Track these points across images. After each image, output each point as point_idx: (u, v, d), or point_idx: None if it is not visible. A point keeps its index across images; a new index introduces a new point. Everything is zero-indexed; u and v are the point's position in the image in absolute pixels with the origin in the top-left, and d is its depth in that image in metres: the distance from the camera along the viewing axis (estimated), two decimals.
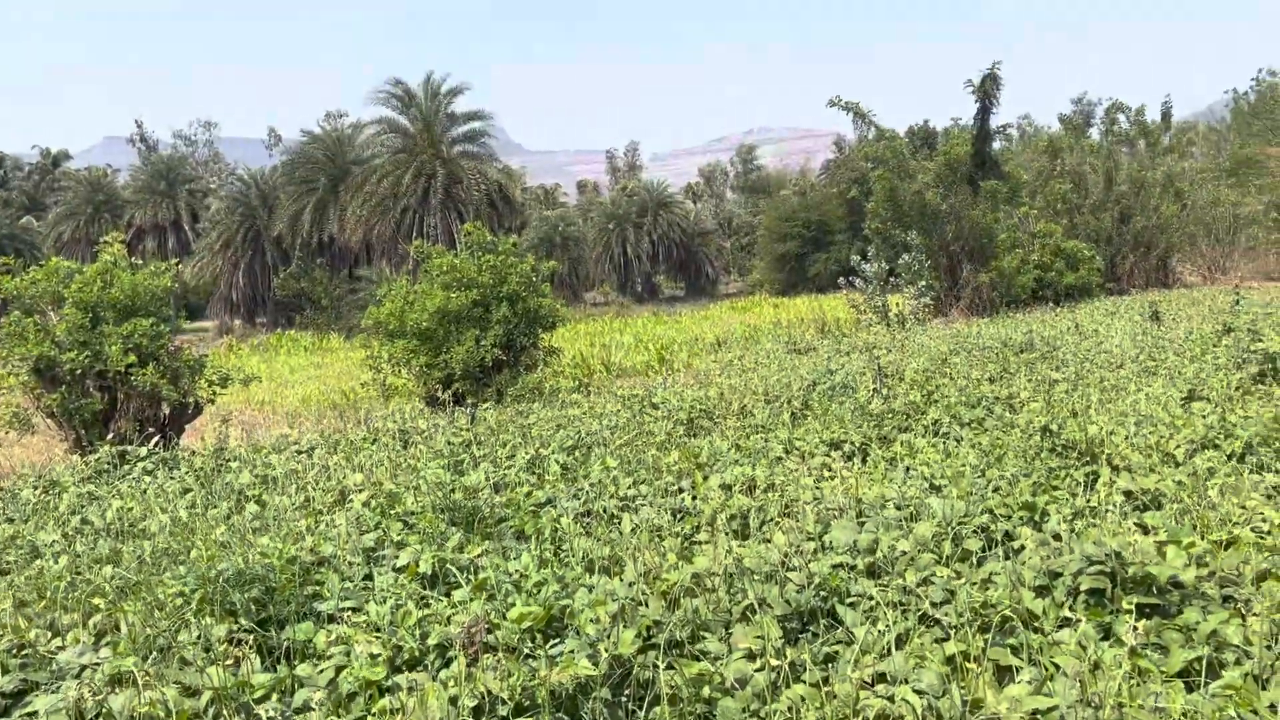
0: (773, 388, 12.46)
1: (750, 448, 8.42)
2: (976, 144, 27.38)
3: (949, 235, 26.64)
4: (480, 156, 48.28)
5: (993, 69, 27.18)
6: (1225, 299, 19.80)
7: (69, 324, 12.66)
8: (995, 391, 10.24)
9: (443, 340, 16.67)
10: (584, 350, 25.58)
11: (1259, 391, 8.79)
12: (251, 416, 19.10)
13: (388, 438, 11.15)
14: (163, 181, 62.10)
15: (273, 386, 24.61)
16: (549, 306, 17.67)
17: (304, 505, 7.68)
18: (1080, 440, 7.17)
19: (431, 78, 46.84)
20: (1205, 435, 7.18)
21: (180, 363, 13.32)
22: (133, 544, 6.76)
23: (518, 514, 6.48)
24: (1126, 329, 16.23)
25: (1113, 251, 30.46)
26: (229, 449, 11.06)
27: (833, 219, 55.34)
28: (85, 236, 59.28)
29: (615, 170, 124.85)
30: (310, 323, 47.31)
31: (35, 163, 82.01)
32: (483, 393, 16.26)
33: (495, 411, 13.18)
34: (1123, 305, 22.89)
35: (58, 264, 13.48)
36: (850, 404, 10.28)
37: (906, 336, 19.95)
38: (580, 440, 9.57)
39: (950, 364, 13.41)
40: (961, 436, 8.34)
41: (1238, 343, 11.28)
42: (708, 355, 23.20)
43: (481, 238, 17.98)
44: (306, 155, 52.11)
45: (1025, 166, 31.89)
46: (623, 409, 11.77)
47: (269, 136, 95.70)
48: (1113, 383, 10.34)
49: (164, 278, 13.70)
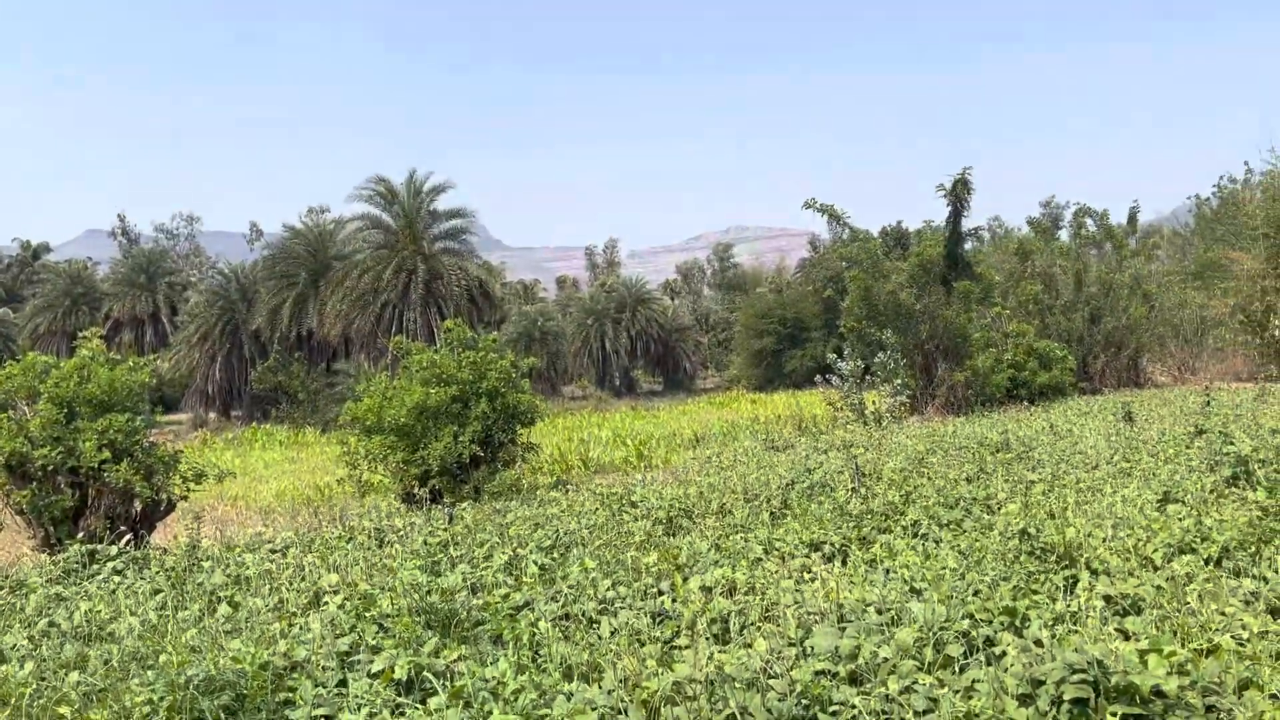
0: (751, 486, 12.44)
1: (730, 548, 8.38)
2: (949, 245, 27.93)
3: (923, 334, 26.98)
4: (461, 253, 48.78)
5: (963, 174, 27.90)
6: (1196, 399, 20.06)
7: (43, 419, 12.53)
8: (973, 492, 10.28)
9: (421, 436, 16.59)
10: (562, 446, 25.50)
11: (1232, 495, 8.86)
12: (225, 512, 18.84)
13: (363, 536, 11.02)
14: (143, 274, 62.19)
15: (247, 481, 24.32)
16: (528, 402, 17.68)
17: (277, 607, 7.55)
18: (1059, 543, 7.20)
19: (414, 175, 47.57)
20: (1182, 539, 7.22)
21: (154, 458, 13.17)
22: (101, 648, 6.60)
23: (495, 617, 6.40)
24: (1100, 429, 16.38)
25: (1084, 351, 30.90)
26: (201, 547, 10.89)
27: (808, 316, 56.03)
28: (62, 329, 59.05)
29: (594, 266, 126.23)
30: (286, 416, 46.95)
31: (15, 255, 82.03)
32: (460, 489, 16.13)
33: (473, 509, 13.07)
34: (1096, 405, 23.12)
35: (35, 359, 13.42)
36: (829, 503, 10.28)
37: (883, 435, 20.04)
38: (558, 540, 9.50)
39: (927, 463, 13.46)
40: (940, 538, 8.34)
41: (1210, 445, 11.41)
42: (686, 451, 23.18)
43: (462, 334, 18.06)
44: (288, 250, 52.47)
45: (997, 267, 32.50)
46: (601, 508, 11.71)
47: (250, 231, 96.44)
48: (1089, 484, 10.40)
49: (142, 373, 13.65)
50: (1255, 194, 32.99)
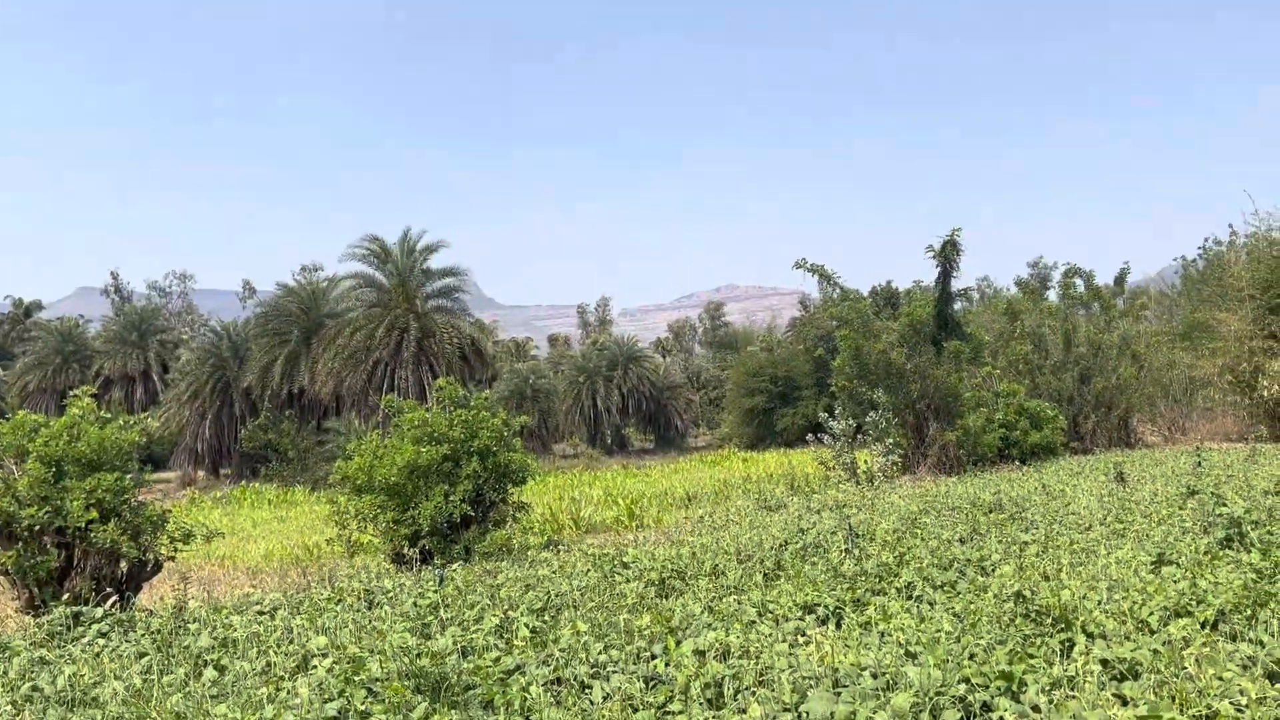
0: (744, 546, 12.38)
1: (723, 610, 8.31)
2: (939, 306, 28.12)
3: (914, 393, 27.03)
4: (454, 311, 48.96)
5: (952, 235, 28.17)
6: (1187, 460, 20.10)
7: (31, 479, 12.42)
8: (967, 553, 10.24)
9: (411, 495, 16.48)
10: (554, 505, 25.35)
11: (1226, 557, 8.85)
12: (212, 573, 18.63)
13: (352, 598, 10.90)
14: (134, 332, 62.22)
15: (235, 541, 24.09)
16: (520, 461, 17.59)
17: (265, 670, 7.44)
18: (1054, 605, 7.16)
19: (408, 234, 47.90)
20: (1178, 602, 7.19)
21: (142, 518, 13.03)
22: (85, 713, 6.49)
23: (486, 681, 6.31)
24: (1093, 489, 16.37)
25: (1075, 411, 30.97)
26: (188, 609, 10.75)
27: (800, 375, 56.18)
28: (52, 386, 58.91)
29: (586, 324, 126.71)
30: (275, 474, 46.68)
31: (7, 312, 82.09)
32: (450, 550, 15.99)
33: (463, 570, 12.95)
34: (1087, 465, 23.13)
35: (24, 417, 13.34)
36: (823, 565, 10.22)
37: (876, 494, 19.99)
38: (550, 602, 9.41)
39: (921, 524, 13.42)
40: (935, 600, 8.28)
41: (1202, 506, 11.41)
42: (678, 511, 23.06)
43: (454, 392, 18.03)
44: (280, 308, 52.61)
45: (986, 327, 32.69)
46: (593, 568, 11.62)
47: (243, 289, 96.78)
48: (1083, 545, 10.37)
49: (132, 431, 13.57)
50: (1240, 256, 33.39)
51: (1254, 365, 29.67)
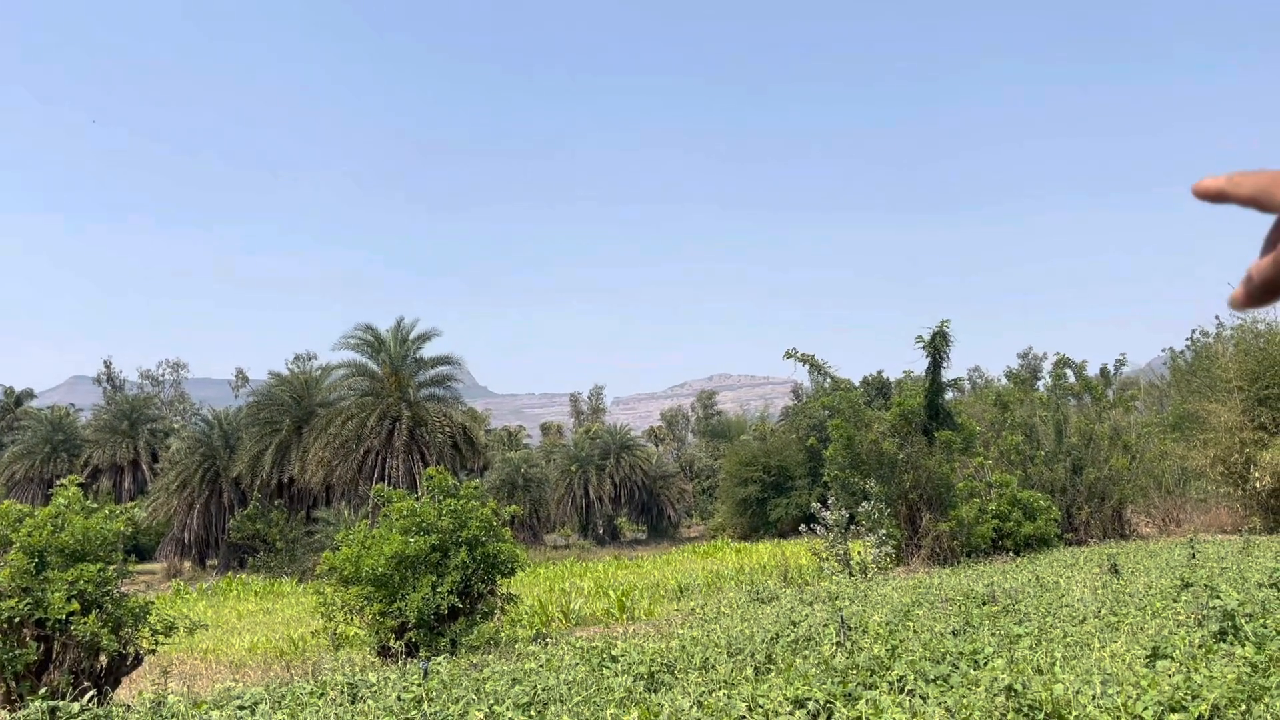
0: (735, 639, 12.21)
1: (712, 705, 8.17)
2: (929, 396, 28.24)
3: (907, 484, 26.96)
4: (446, 400, 48.96)
5: (941, 326, 28.44)
6: (1181, 552, 20.00)
7: (13, 570, 12.28)
8: (959, 646, 10.11)
9: (398, 586, 16.29)
10: (543, 596, 25.01)
11: (1220, 650, 8.76)
12: (194, 666, 18.26)
13: (335, 691, 10.69)
14: (125, 421, 62.04)
15: (219, 634, 23.66)
16: (509, 552, 17.44)
17: None
18: (1046, 700, 7.06)
19: (401, 323, 48.19)
20: (1172, 696, 7.10)
21: (124, 610, 12.85)
22: None
23: None
24: (1087, 581, 16.25)
25: (1068, 501, 30.87)
26: (167, 704, 10.53)
27: (792, 464, 55.99)
28: (40, 475, 58.51)
29: (579, 413, 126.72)
30: (263, 565, 46.07)
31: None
32: (437, 642, 15.74)
33: (449, 663, 12.74)
34: (1081, 556, 22.97)
35: (9, 507, 13.25)
36: (814, 658, 10.08)
37: (869, 586, 19.79)
38: (536, 696, 9.25)
39: (913, 616, 13.27)
40: (927, 694, 8.16)
41: (1196, 598, 11.34)
42: (670, 603, 22.76)
43: (443, 482, 17.96)
44: (272, 397, 52.60)
45: (978, 417, 32.75)
46: (581, 662, 11.44)
47: (236, 378, 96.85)
48: (1076, 638, 10.27)
49: (117, 521, 13.46)
50: (1228, 348, 33.66)
51: (1245, 457, 29.71)
